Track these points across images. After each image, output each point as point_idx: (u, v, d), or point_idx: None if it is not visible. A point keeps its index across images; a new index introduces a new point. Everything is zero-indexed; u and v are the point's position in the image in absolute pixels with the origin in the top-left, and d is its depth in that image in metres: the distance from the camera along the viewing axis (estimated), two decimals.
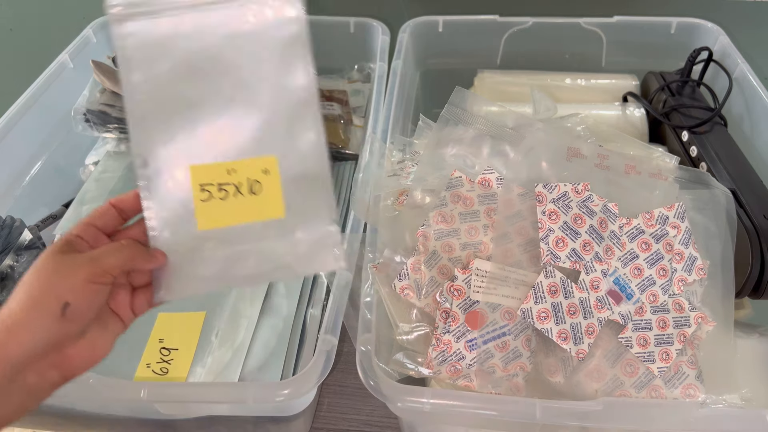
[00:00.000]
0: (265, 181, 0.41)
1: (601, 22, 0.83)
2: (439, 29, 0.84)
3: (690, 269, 0.52)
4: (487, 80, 0.82)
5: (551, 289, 0.50)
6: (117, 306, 0.40)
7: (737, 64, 0.74)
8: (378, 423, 0.60)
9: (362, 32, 0.87)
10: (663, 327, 0.50)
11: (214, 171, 0.40)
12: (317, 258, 0.42)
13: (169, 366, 0.55)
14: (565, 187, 0.53)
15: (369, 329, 0.49)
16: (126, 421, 0.57)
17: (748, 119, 0.72)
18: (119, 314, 0.40)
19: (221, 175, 0.40)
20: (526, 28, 0.84)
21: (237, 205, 0.41)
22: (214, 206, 0.40)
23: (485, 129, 0.58)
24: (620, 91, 0.80)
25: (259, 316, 0.58)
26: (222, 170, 0.40)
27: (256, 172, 0.41)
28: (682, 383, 0.49)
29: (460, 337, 0.49)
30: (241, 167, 0.41)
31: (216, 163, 0.40)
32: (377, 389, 0.46)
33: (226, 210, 0.41)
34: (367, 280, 0.52)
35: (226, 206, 0.41)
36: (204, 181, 0.40)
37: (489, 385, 0.48)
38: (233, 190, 0.41)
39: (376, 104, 0.72)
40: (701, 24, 0.82)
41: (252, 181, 0.41)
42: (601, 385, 0.49)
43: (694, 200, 0.55)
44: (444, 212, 0.54)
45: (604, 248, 0.52)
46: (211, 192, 0.40)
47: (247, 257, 0.41)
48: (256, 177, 0.41)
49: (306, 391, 0.48)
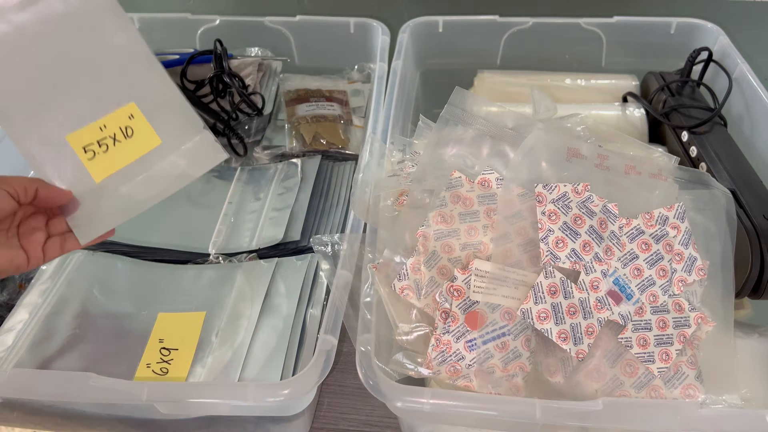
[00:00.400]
0: (134, 123, 0.52)
1: (601, 22, 0.83)
2: (439, 29, 0.84)
3: (690, 270, 0.52)
4: (487, 80, 0.82)
5: (551, 289, 0.50)
6: (28, 244, 0.46)
7: (737, 65, 0.74)
8: (378, 423, 0.60)
9: (362, 32, 0.87)
10: (663, 327, 0.50)
11: (88, 133, 0.50)
12: (202, 158, 0.53)
13: (169, 366, 0.55)
14: (564, 187, 0.53)
15: (369, 329, 0.49)
16: (126, 421, 0.57)
17: (748, 119, 0.72)
18: (27, 251, 0.46)
19: (96, 134, 0.50)
20: (526, 28, 0.84)
21: (119, 150, 0.51)
22: (101, 159, 0.50)
23: (485, 129, 0.58)
24: (620, 92, 0.80)
25: (259, 316, 0.58)
26: (95, 129, 0.50)
27: (123, 119, 0.51)
28: (681, 383, 0.49)
29: (460, 337, 0.49)
30: (109, 121, 0.51)
31: (87, 126, 0.50)
32: (377, 389, 0.46)
33: (112, 158, 0.51)
34: (367, 280, 0.52)
35: (111, 155, 0.51)
36: (85, 143, 0.50)
37: (489, 385, 0.48)
38: (111, 141, 0.51)
39: (376, 104, 0.72)
40: (701, 24, 0.82)
41: (124, 128, 0.51)
42: (600, 385, 0.49)
43: (694, 200, 0.55)
44: (444, 212, 0.54)
45: (604, 249, 0.52)
46: (94, 150, 0.50)
47: (145, 184, 0.51)
48: (126, 124, 0.51)
49: (306, 391, 0.48)
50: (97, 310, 0.59)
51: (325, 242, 0.57)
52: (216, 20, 0.88)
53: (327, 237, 0.58)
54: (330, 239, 0.57)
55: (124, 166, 0.51)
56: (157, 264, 0.64)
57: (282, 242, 0.65)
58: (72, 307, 0.59)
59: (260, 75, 0.86)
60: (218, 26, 0.88)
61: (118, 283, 0.62)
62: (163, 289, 0.62)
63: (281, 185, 0.73)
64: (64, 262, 0.62)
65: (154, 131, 0.52)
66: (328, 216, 0.70)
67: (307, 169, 0.75)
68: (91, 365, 0.54)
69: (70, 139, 0.50)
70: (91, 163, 0.50)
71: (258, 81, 0.84)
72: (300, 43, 0.90)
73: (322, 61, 0.91)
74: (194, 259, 0.65)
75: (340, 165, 0.77)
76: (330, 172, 0.75)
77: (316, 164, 0.75)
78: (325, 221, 0.69)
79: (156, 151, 0.52)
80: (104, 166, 0.50)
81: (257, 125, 0.80)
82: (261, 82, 0.85)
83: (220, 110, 0.78)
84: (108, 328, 0.58)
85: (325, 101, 0.83)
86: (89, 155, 0.50)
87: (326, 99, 0.83)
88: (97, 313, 0.59)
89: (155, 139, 0.52)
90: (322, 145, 0.78)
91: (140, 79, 0.53)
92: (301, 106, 0.82)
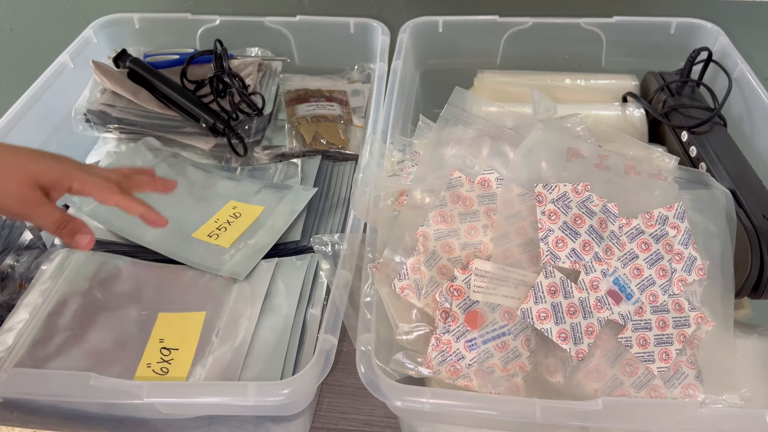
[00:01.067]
0: (238, 210, 0.71)
1: (601, 22, 0.83)
2: (439, 29, 0.84)
3: (689, 269, 0.52)
4: (487, 80, 0.82)
5: (551, 289, 0.50)
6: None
7: (737, 65, 0.74)
8: (378, 423, 0.60)
9: (362, 32, 0.87)
10: (663, 327, 0.50)
11: (206, 227, 0.69)
12: (298, 201, 0.70)
13: (169, 366, 0.55)
14: (564, 187, 0.53)
15: (369, 329, 0.49)
16: (126, 421, 0.57)
17: (748, 119, 0.73)
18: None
19: (212, 226, 0.69)
20: (526, 29, 0.84)
21: (234, 226, 0.69)
22: (223, 235, 0.68)
23: (485, 129, 0.58)
24: (620, 92, 0.80)
25: (259, 315, 0.58)
26: (211, 224, 0.69)
27: (229, 211, 0.71)
28: (681, 383, 0.49)
29: (460, 337, 0.49)
30: (220, 216, 0.70)
31: (204, 224, 0.69)
32: (377, 389, 0.46)
33: (230, 232, 0.68)
34: (367, 280, 0.52)
35: (229, 231, 0.68)
36: (208, 233, 0.68)
37: (489, 384, 0.48)
38: (226, 225, 0.69)
39: (376, 104, 0.73)
40: (701, 24, 0.82)
41: (232, 215, 0.70)
42: (600, 384, 0.49)
43: (694, 200, 0.55)
44: (444, 212, 0.54)
45: (604, 248, 0.52)
46: (217, 234, 0.68)
47: (263, 234, 0.67)
48: (232, 212, 0.70)
49: (306, 390, 0.48)
50: (97, 310, 0.59)
51: (325, 242, 0.57)
52: (216, 20, 0.88)
53: (327, 237, 0.58)
54: (330, 239, 0.57)
55: (242, 232, 0.67)
56: (157, 264, 0.64)
57: (282, 242, 0.65)
58: (72, 307, 0.59)
59: (260, 75, 0.86)
60: (218, 26, 0.88)
61: (118, 283, 0.62)
62: (163, 289, 0.62)
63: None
64: (64, 262, 0.62)
65: (255, 206, 0.70)
66: (328, 216, 0.70)
67: (307, 169, 0.75)
68: (91, 365, 0.54)
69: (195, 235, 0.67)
70: (216, 240, 0.66)
71: (258, 81, 0.84)
72: (300, 43, 0.90)
73: (322, 61, 0.91)
74: None
75: (340, 165, 0.77)
76: (330, 172, 0.75)
77: (316, 164, 0.75)
78: (325, 221, 0.69)
79: (263, 214, 0.69)
80: (226, 238, 0.66)
81: (257, 125, 0.80)
82: (261, 82, 0.85)
83: (220, 110, 0.78)
84: (108, 328, 0.58)
85: (325, 101, 0.83)
86: (212, 237, 0.67)
87: (326, 99, 0.84)
88: (97, 313, 0.59)
89: (258, 209, 0.70)
90: (322, 145, 0.78)
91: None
92: (301, 106, 0.82)
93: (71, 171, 0.51)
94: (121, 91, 0.79)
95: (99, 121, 0.79)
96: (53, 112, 0.78)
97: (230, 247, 0.65)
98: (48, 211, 0.50)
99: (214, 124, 0.76)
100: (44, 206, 0.50)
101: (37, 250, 0.65)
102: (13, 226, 0.64)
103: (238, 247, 0.65)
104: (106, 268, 0.63)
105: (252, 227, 0.68)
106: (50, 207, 0.50)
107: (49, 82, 0.78)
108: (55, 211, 0.51)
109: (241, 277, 0.62)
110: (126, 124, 0.78)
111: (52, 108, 0.78)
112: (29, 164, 0.50)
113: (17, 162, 0.50)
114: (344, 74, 0.90)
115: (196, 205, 0.71)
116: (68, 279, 0.61)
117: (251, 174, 0.76)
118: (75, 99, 0.80)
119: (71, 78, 0.81)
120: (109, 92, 0.80)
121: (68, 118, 0.79)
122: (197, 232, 0.67)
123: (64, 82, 0.80)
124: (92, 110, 0.78)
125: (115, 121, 0.78)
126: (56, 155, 0.53)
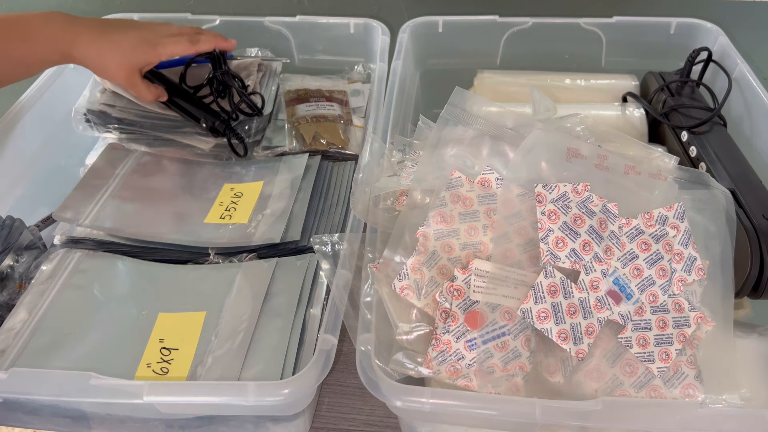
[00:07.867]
0: (238, 189, 0.72)
1: (601, 22, 0.83)
2: (439, 29, 0.84)
3: (689, 269, 0.52)
4: (487, 80, 0.82)
5: (551, 289, 0.50)
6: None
7: (737, 65, 0.74)
8: (378, 422, 0.60)
9: (362, 32, 0.87)
10: (662, 327, 0.50)
11: (215, 212, 0.70)
12: (297, 165, 0.74)
13: (169, 366, 0.55)
14: (564, 187, 0.53)
15: (369, 329, 0.49)
16: (126, 421, 0.57)
17: (748, 119, 0.73)
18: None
19: (220, 210, 0.70)
20: (526, 29, 0.84)
21: (241, 205, 0.71)
22: (234, 214, 0.69)
23: (485, 129, 0.58)
24: (620, 92, 0.80)
25: (259, 315, 0.58)
26: (217, 208, 0.70)
27: (229, 194, 0.73)
28: (681, 383, 0.49)
29: (460, 337, 0.49)
30: (223, 198, 0.72)
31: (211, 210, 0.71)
32: (377, 389, 0.46)
33: (240, 210, 0.70)
34: (367, 280, 0.52)
35: (238, 210, 0.70)
36: (219, 216, 0.70)
37: (489, 384, 0.48)
38: (233, 206, 0.70)
39: (376, 104, 0.73)
40: (701, 24, 0.82)
41: (233, 196, 0.72)
42: (600, 384, 0.49)
43: (694, 200, 0.55)
44: (443, 212, 0.54)
45: (604, 248, 0.52)
46: (230, 214, 0.69)
47: (275, 200, 0.71)
48: (232, 194, 0.72)
49: (306, 390, 0.48)
50: (97, 310, 0.59)
51: (325, 242, 0.57)
52: (216, 20, 0.88)
53: (327, 237, 0.58)
54: (330, 239, 0.57)
55: (253, 207, 0.69)
56: (157, 264, 0.64)
57: (282, 242, 0.65)
58: (72, 307, 0.59)
59: (260, 75, 0.86)
60: (218, 26, 0.88)
61: (118, 283, 0.62)
62: (163, 289, 0.62)
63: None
64: (64, 262, 0.62)
65: (253, 182, 0.72)
66: (328, 216, 0.70)
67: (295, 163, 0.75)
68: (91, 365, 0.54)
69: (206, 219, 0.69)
70: (231, 220, 0.68)
71: (258, 81, 0.84)
72: (300, 44, 0.90)
73: (322, 61, 0.91)
74: (194, 259, 0.65)
75: (340, 165, 0.77)
76: (330, 172, 0.75)
77: (316, 164, 0.75)
78: (325, 221, 0.69)
79: (265, 187, 0.72)
80: (241, 215, 0.68)
81: (257, 125, 0.80)
82: (261, 83, 0.85)
83: (220, 110, 0.78)
84: (108, 328, 0.58)
85: (325, 101, 0.83)
86: (225, 219, 0.68)
87: (326, 99, 0.83)
88: (97, 313, 0.59)
89: (258, 184, 0.72)
90: (322, 145, 0.78)
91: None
92: (301, 106, 0.82)
93: (158, 50, 0.68)
94: (121, 91, 0.79)
95: (99, 121, 0.79)
96: (53, 112, 0.78)
97: (249, 221, 0.67)
98: (145, 87, 0.70)
99: (214, 124, 0.76)
100: (143, 85, 0.70)
101: (37, 250, 0.65)
102: (12, 226, 0.64)
103: (257, 219, 0.67)
104: (106, 268, 0.63)
105: (260, 200, 0.70)
106: (146, 84, 0.70)
107: (49, 82, 0.78)
108: (150, 87, 0.71)
109: (277, 240, 0.63)
110: (126, 124, 0.78)
111: (52, 108, 0.78)
112: (131, 59, 0.67)
113: (122, 60, 0.67)
114: (344, 74, 0.90)
115: (191, 195, 0.71)
116: (68, 279, 0.61)
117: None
118: (75, 99, 0.80)
119: (71, 78, 0.81)
120: (109, 92, 0.80)
121: (68, 118, 0.79)
122: (207, 218, 0.68)
123: (64, 82, 0.80)
124: (92, 110, 0.78)
125: (115, 121, 0.78)
126: (147, 37, 0.68)
